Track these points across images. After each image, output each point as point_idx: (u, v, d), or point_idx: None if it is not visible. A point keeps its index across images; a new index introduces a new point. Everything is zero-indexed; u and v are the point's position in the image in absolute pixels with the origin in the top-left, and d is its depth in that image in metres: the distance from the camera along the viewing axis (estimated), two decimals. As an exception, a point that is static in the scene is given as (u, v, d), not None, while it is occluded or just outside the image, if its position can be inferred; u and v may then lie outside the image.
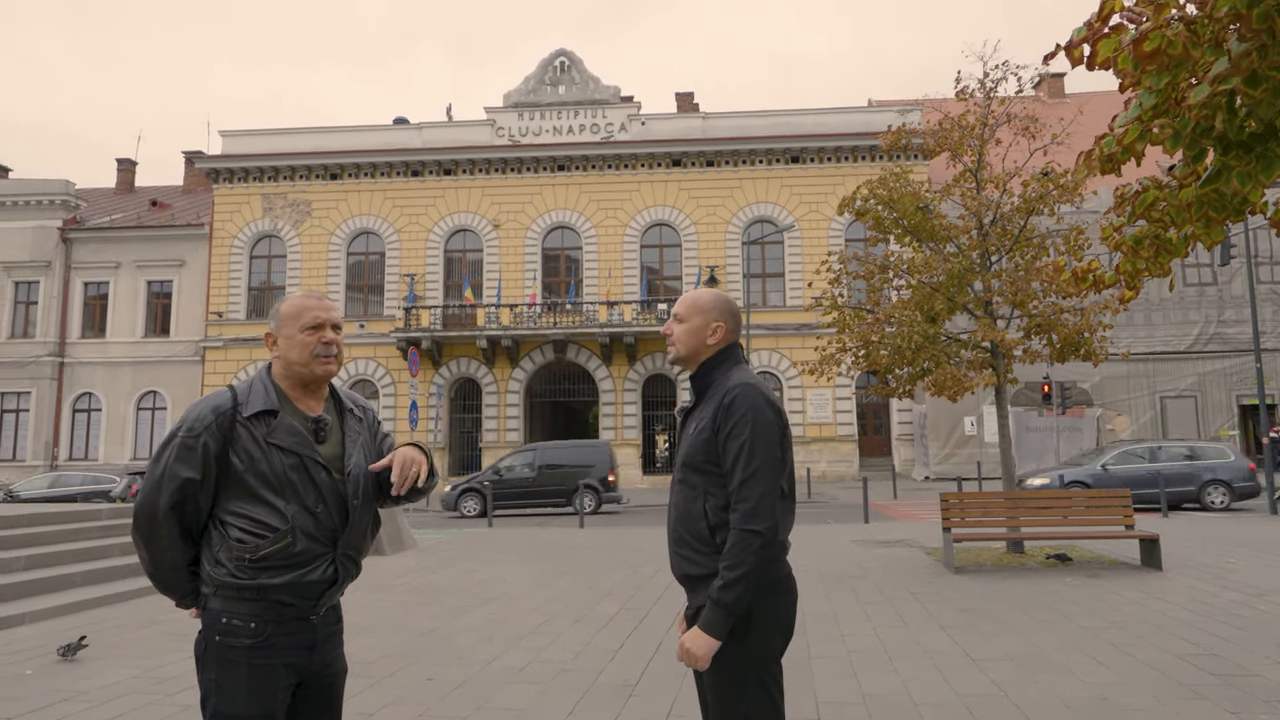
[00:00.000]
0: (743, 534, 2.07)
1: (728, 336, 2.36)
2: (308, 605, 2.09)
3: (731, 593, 2.06)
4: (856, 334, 10.30)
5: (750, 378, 2.26)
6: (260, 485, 2.04)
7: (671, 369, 29.08)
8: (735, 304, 2.44)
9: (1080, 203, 10.35)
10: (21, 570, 7.78)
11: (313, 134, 31.74)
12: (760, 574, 2.08)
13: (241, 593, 2.02)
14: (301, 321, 2.18)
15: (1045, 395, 24.15)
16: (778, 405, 2.23)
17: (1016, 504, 9.39)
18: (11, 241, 31.78)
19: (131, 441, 30.66)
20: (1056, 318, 10.12)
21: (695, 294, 2.41)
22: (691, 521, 2.21)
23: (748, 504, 2.09)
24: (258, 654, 2.03)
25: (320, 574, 2.08)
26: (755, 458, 2.12)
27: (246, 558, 2.01)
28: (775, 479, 2.13)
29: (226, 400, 2.12)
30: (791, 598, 2.23)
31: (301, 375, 2.19)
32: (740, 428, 2.15)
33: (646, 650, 5.66)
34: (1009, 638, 5.81)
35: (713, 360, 2.35)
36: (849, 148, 29.85)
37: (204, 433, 2.05)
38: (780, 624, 2.19)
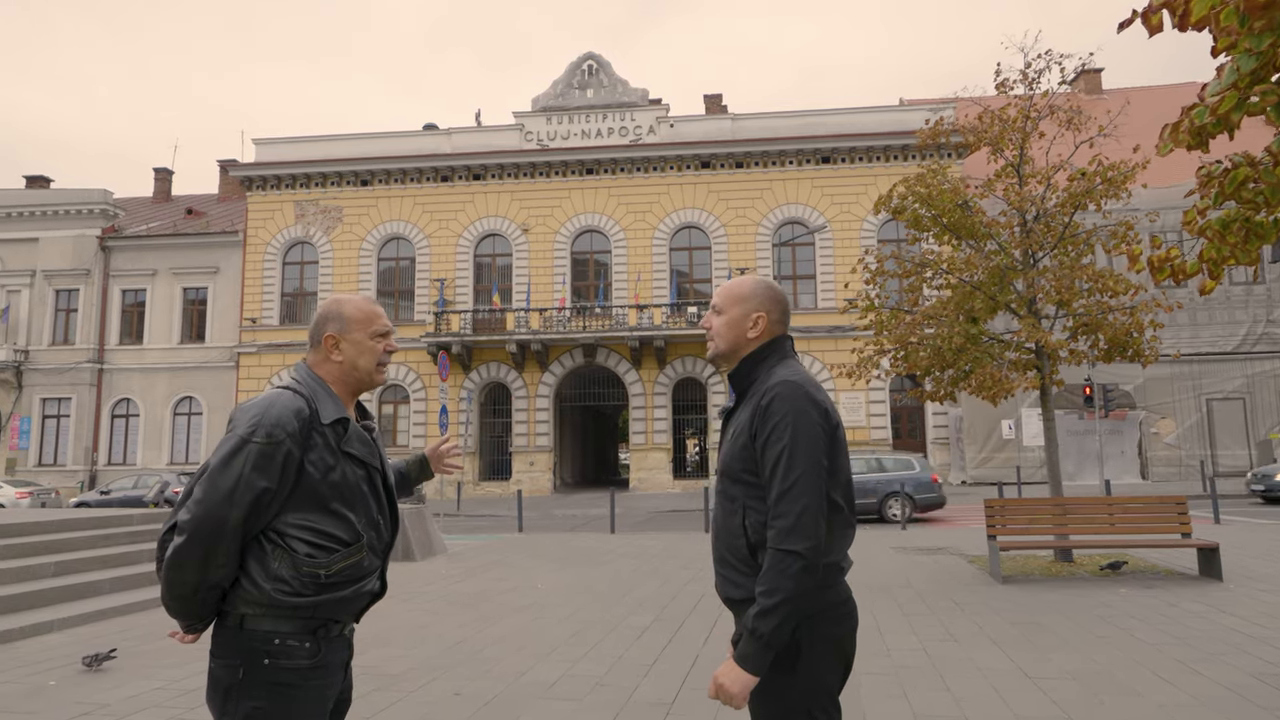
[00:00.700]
0: (780, 554, 1.82)
1: (772, 328, 2.10)
2: (350, 620, 1.99)
3: (768, 622, 1.80)
4: (894, 335, 9.98)
5: (795, 374, 1.98)
6: (333, 497, 1.91)
7: (702, 372, 28.81)
8: (781, 291, 2.16)
9: (1128, 198, 9.95)
10: (50, 577, 7.74)
11: (344, 141, 31.96)
12: (803, 600, 1.82)
13: (298, 611, 1.86)
14: (373, 327, 2.09)
15: (1087, 398, 23.46)
16: (825, 405, 1.96)
17: (1065, 510, 9.01)
18: (52, 250, 32.38)
19: (169, 446, 31.03)
20: (1103, 317, 9.73)
21: (735, 282, 2.15)
22: (731, 538, 1.97)
23: (786, 520, 1.83)
24: (315, 675, 1.89)
25: (372, 587, 2.00)
26: (795, 466, 1.86)
27: (321, 574, 1.87)
28: (819, 491, 1.86)
29: (303, 406, 1.94)
30: (850, 626, 1.96)
31: (361, 383, 2.09)
32: (779, 432, 1.89)
33: (682, 665, 5.43)
34: (1067, 654, 5.48)
35: (755, 356, 2.09)
36: (881, 147, 29.39)
37: (287, 440, 1.87)
38: (836, 656, 1.93)
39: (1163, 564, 9.39)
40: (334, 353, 2.04)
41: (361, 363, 2.05)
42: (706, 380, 28.87)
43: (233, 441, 1.86)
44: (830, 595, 1.92)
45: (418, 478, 2.47)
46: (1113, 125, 9.68)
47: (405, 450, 28.53)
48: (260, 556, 1.86)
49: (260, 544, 1.87)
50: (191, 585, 1.83)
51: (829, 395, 2.02)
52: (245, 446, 1.84)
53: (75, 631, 6.72)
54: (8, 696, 4.90)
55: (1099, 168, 9.47)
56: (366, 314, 2.08)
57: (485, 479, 29.47)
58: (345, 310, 2.07)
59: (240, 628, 1.86)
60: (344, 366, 2.04)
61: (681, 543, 12.94)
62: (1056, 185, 10.17)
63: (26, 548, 8.13)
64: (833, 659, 1.92)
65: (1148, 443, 26.58)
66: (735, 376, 2.11)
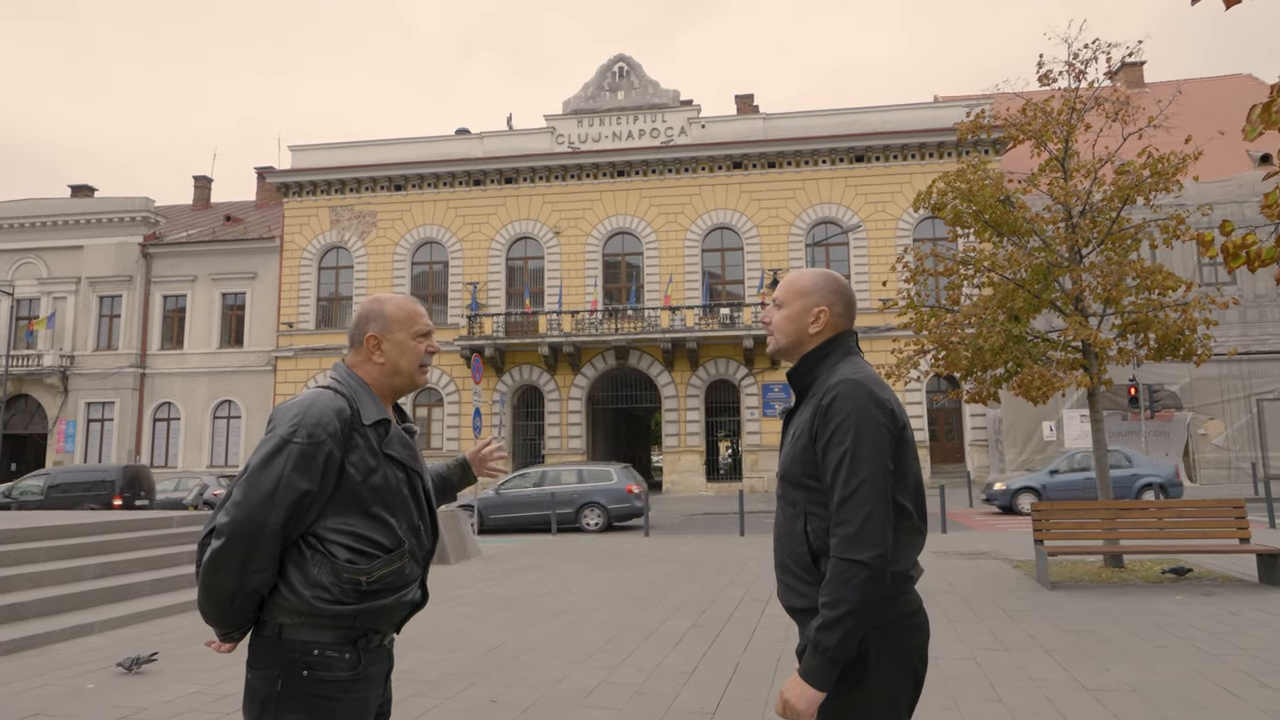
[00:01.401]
0: (843, 564, 1.72)
1: (835, 323, 1.97)
2: (390, 631, 1.91)
3: (832, 635, 1.70)
4: (935, 335, 9.74)
5: (858, 372, 1.86)
6: (374, 500, 1.84)
7: (735, 374, 28.59)
8: (846, 284, 2.03)
9: (1179, 191, 9.62)
10: (92, 579, 7.81)
11: (377, 147, 32.27)
12: (869, 612, 1.71)
13: (338, 620, 1.78)
14: (415, 327, 2.02)
15: (1132, 398, 22.90)
16: (891, 405, 1.83)
17: (1115, 514, 8.72)
18: (96, 257, 33.10)
19: (208, 449, 31.54)
20: (1154, 314, 9.41)
21: (796, 274, 2.03)
22: (792, 544, 1.87)
23: (849, 527, 1.73)
24: (355, 688, 1.80)
25: (413, 596, 1.92)
26: (859, 470, 1.74)
27: (363, 580, 1.79)
28: (884, 496, 1.75)
29: (344, 406, 1.86)
30: (921, 638, 1.84)
31: (403, 385, 2.02)
32: (840, 435, 1.78)
33: (723, 673, 5.29)
34: (1126, 665, 5.25)
35: (817, 353, 1.96)
36: (915, 145, 28.97)
37: (328, 440, 1.79)
38: (906, 670, 1.80)
39: (1219, 570, 9.05)
40: (375, 354, 1.97)
41: (404, 364, 1.99)
42: (739, 382, 28.66)
43: (273, 442, 1.79)
44: (899, 606, 1.80)
45: (459, 482, 2.37)
46: (1163, 115, 9.36)
47: (439, 454, 28.69)
48: (300, 562, 1.79)
49: (300, 549, 1.80)
50: (229, 590, 1.75)
51: (895, 394, 1.88)
52: (286, 447, 1.77)
53: (115, 634, 6.76)
54: (47, 699, 4.91)
55: (1149, 159, 9.16)
56: (409, 313, 2.01)
57: (518, 481, 29.52)
58: (387, 309, 2.00)
59: (279, 638, 1.78)
60: (386, 368, 1.97)
61: (717, 546, 12.78)
62: (1103, 179, 9.87)
63: (71, 549, 8.24)
64: (902, 673, 1.80)
65: (1195, 444, 25.83)
66: (795, 375, 1.99)
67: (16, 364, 31.76)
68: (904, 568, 1.81)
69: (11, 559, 7.56)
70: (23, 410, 33.19)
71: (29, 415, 33.28)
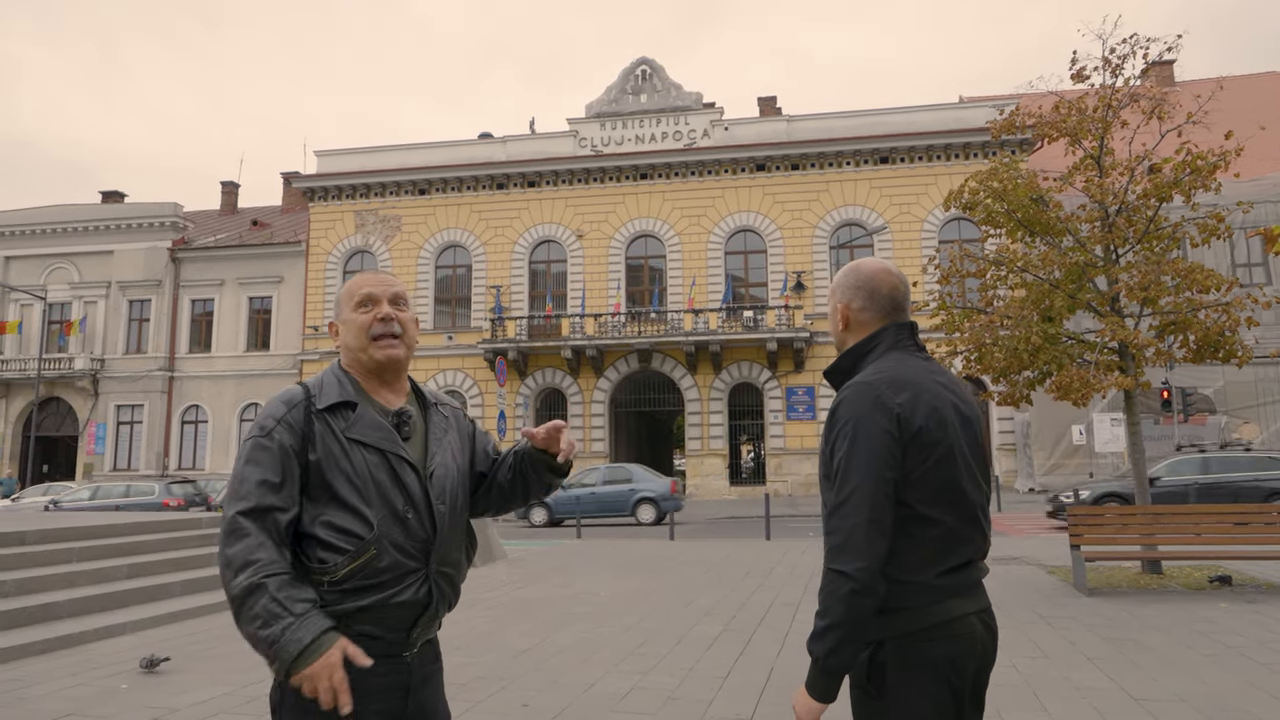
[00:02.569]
0: (830, 574, 1.68)
1: (860, 319, 1.88)
2: (398, 637, 1.75)
3: (820, 645, 1.66)
4: (968, 336, 9.58)
5: (880, 372, 1.76)
6: (343, 486, 1.73)
7: (759, 378, 28.43)
8: (870, 274, 1.91)
9: (1218, 188, 9.40)
10: (124, 579, 7.86)
11: (401, 151, 32.48)
12: (860, 626, 1.65)
13: None
14: (354, 300, 1.92)
15: (1164, 402, 22.48)
16: (898, 407, 1.71)
17: (1153, 519, 8.52)
18: (126, 262, 33.58)
19: (235, 451, 31.84)
20: (1193, 315, 9.19)
21: (839, 273, 1.98)
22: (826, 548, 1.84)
23: (836, 538, 1.68)
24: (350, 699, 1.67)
25: (412, 595, 1.75)
26: (849, 480, 1.68)
27: (325, 581, 1.69)
28: (875, 506, 1.66)
29: (298, 393, 1.83)
30: (954, 650, 1.70)
31: (363, 363, 1.89)
32: (841, 441, 1.72)
33: (757, 678, 5.20)
34: (1174, 674, 5.10)
35: (856, 350, 1.87)
36: (941, 146, 28.68)
37: (277, 428, 1.75)
38: (936, 682, 1.69)
39: (1263, 577, 8.81)
40: (336, 339, 1.95)
41: (351, 340, 1.89)
42: (763, 385, 28.49)
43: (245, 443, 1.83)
44: (923, 618, 1.69)
45: (537, 466, 1.99)
46: (1202, 112, 9.15)
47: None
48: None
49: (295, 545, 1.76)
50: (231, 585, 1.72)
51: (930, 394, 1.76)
52: (246, 443, 1.79)
53: (147, 634, 6.78)
54: (80, 699, 4.92)
55: (1188, 157, 8.96)
56: (350, 288, 1.94)
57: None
58: (340, 294, 1.97)
59: None
60: (343, 350, 1.92)
61: (742, 550, 12.67)
62: (1140, 177, 9.67)
63: (103, 550, 8.30)
64: (931, 685, 1.69)
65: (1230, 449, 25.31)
66: (832, 374, 1.91)
67: (48, 367, 32.27)
68: (927, 578, 1.70)
69: (46, 559, 7.63)
70: (54, 413, 33.70)
71: (60, 418, 33.79)
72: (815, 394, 28.09)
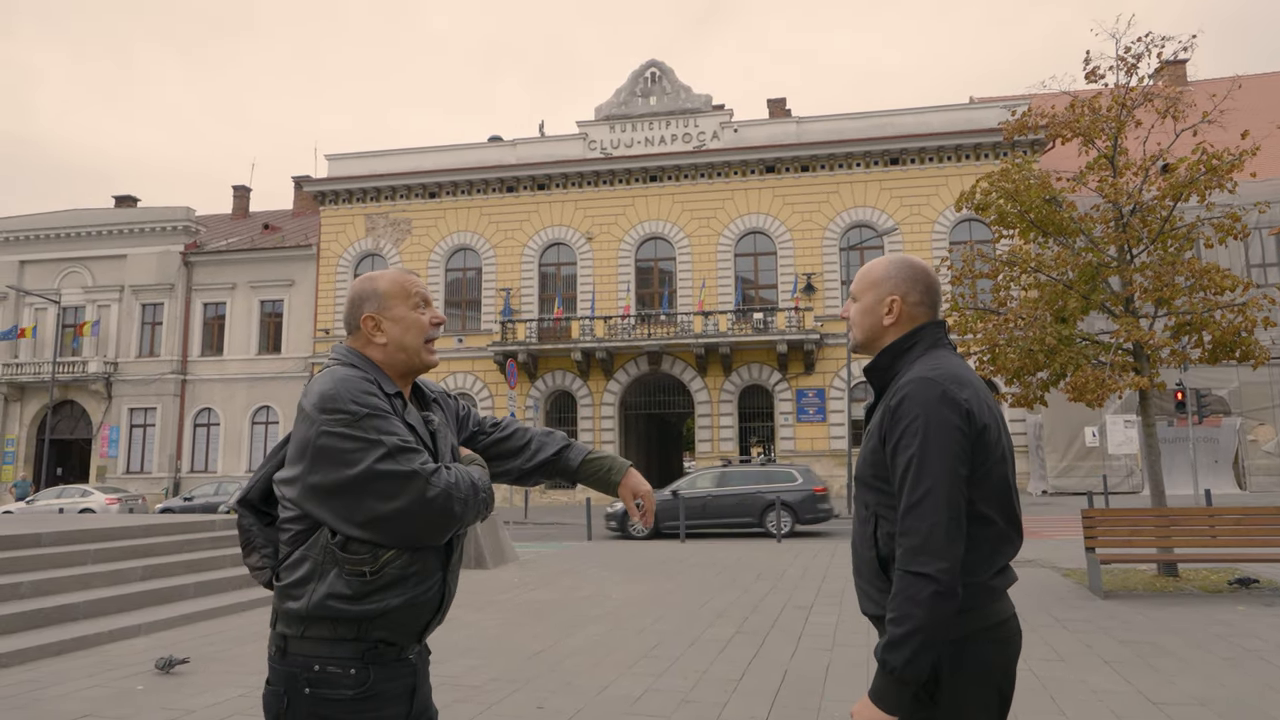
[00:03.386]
0: (908, 577, 1.60)
1: (912, 313, 1.83)
2: (409, 639, 1.72)
3: (899, 654, 1.58)
4: (982, 337, 9.53)
5: (935, 368, 1.72)
6: None
7: (769, 380, 28.37)
8: (924, 270, 1.88)
9: (1233, 188, 9.32)
10: (139, 581, 7.90)
11: (412, 155, 32.59)
12: (939, 630, 1.59)
13: (338, 630, 1.63)
14: (413, 298, 1.84)
15: (1179, 403, 22.26)
16: (968, 405, 1.68)
17: (1169, 522, 8.45)
18: (139, 266, 33.79)
19: (247, 454, 31.99)
20: (1209, 315, 9.12)
21: (870, 264, 1.92)
22: (864, 549, 1.79)
23: (913, 538, 1.61)
24: (364, 707, 1.63)
25: (430, 596, 1.72)
26: (925, 478, 1.62)
27: (366, 571, 1.62)
28: (953, 505, 1.62)
29: (367, 380, 1.73)
30: (1007, 653, 1.70)
31: (410, 365, 1.83)
32: (909, 437, 1.65)
33: (770, 681, 5.18)
34: (1192, 678, 5.05)
35: (898, 345, 1.82)
36: (951, 147, 28.57)
37: (382, 401, 1.69)
38: (988, 688, 1.67)
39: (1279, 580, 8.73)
40: (376, 334, 1.80)
41: (409, 340, 1.80)
42: (773, 387, 28.43)
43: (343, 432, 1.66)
44: (980, 619, 1.68)
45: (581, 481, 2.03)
46: (1218, 111, 9.08)
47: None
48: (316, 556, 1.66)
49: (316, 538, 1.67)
50: None
51: (983, 391, 1.76)
52: (357, 423, 1.66)
53: (161, 636, 6.81)
54: (97, 700, 4.94)
55: (1204, 156, 8.89)
56: (402, 284, 1.84)
57: (551, 487, 29.53)
58: (380, 285, 1.83)
59: (284, 653, 1.67)
60: (389, 349, 1.80)
61: (754, 553, 12.64)
62: (1154, 177, 9.60)
63: (117, 552, 8.34)
64: (983, 691, 1.67)
65: (1245, 451, 25.11)
66: (872, 371, 1.86)
67: (62, 371, 32.50)
68: (983, 579, 1.69)
69: (62, 561, 7.68)
70: (68, 416, 33.93)
71: (74, 421, 34.02)
72: (825, 396, 28.01)
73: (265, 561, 1.77)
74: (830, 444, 27.66)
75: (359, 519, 1.63)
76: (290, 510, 1.69)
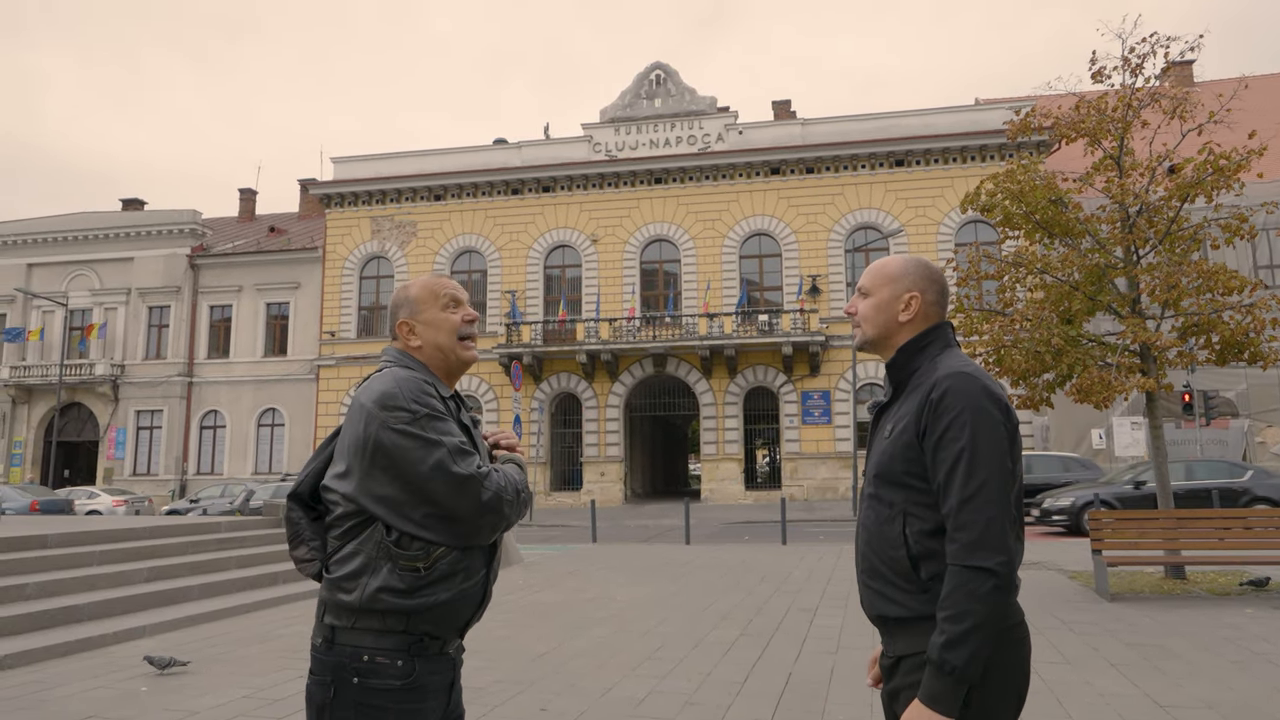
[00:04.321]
0: (968, 572, 1.57)
1: (929, 312, 1.83)
2: (452, 633, 1.77)
3: (959, 653, 1.54)
4: (988, 338, 9.50)
5: (968, 365, 1.73)
6: None
7: (774, 382, 28.33)
8: (938, 270, 1.89)
9: (1241, 189, 9.28)
10: (143, 582, 7.91)
11: (417, 158, 32.65)
12: (995, 626, 1.57)
13: (387, 622, 1.68)
14: (442, 299, 1.91)
15: (1186, 405, 22.19)
16: (1006, 402, 1.69)
17: (1177, 524, 8.40)
18: (146, 269, 33.91)
19: (253, 457, 32.07)
20: (1217, 316, 9.07)
21: (883, 261, 1.90)
22: (886, 548, 1.72)
23: (971, 532, 1.58)
24: (409, 698, 1.68)
25: (475, 592, 1.77)
26: (978, 469, 1.60)
27: (420, 566, 1.68)
28: (1006, 499, 1.61)
29: (425, 381, 1.81)
30: (1026, 651, 1.69)
31: (449, 364, 1.91)
32: (956, 430, 1.63)
33: (775, 683, 5.16)
34: (1200, 681, 5.01)
35: (914, 343, 1.82)
36: (957, 148, 28.52)
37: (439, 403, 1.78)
38: (1012, 688, 1.66)
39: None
40: (411, 338, 1.88)
41: (441, 339, 1.88)
42: (778, 389, 28.39)
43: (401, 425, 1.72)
44: (1010, 616, 1.66)
45: None
46: (1225, 110, 9.04)
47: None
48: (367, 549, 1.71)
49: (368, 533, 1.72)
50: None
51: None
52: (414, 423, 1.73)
53: (166, 637, 6.81)
54: (101, 701, 4.94)
55: (1211, 156, 8.85)
56: (431, 287, 1.92)
57: (556, 489, 29.55)
58: (411, 292, 1.92)
59: (331, 642, 1.71)
60: (425, 351, 1.88)
61: (759, 555, 12.61)
62: (1160, 178, 9.56)
63: (122, 553, 8.36)
64: (1008, 690, 1.65)
65: (1253, 453, 24.97)
66: (894, 366, 1.84)
67: (70, 373, 32.63)
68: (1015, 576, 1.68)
69: (67, 562, 7.69)
70: (75, 418, 34.06)
71: (81, 423, 34.14)
72: (831, 398, 27.96)
73: (314, 554, 1.80)
74: (836, 446, 27.61)
75: (417, 516, 1.70)
76: (343, 506, 1.74)
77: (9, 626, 6.25)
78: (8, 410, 33.78)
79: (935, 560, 1.65)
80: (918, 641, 1.66)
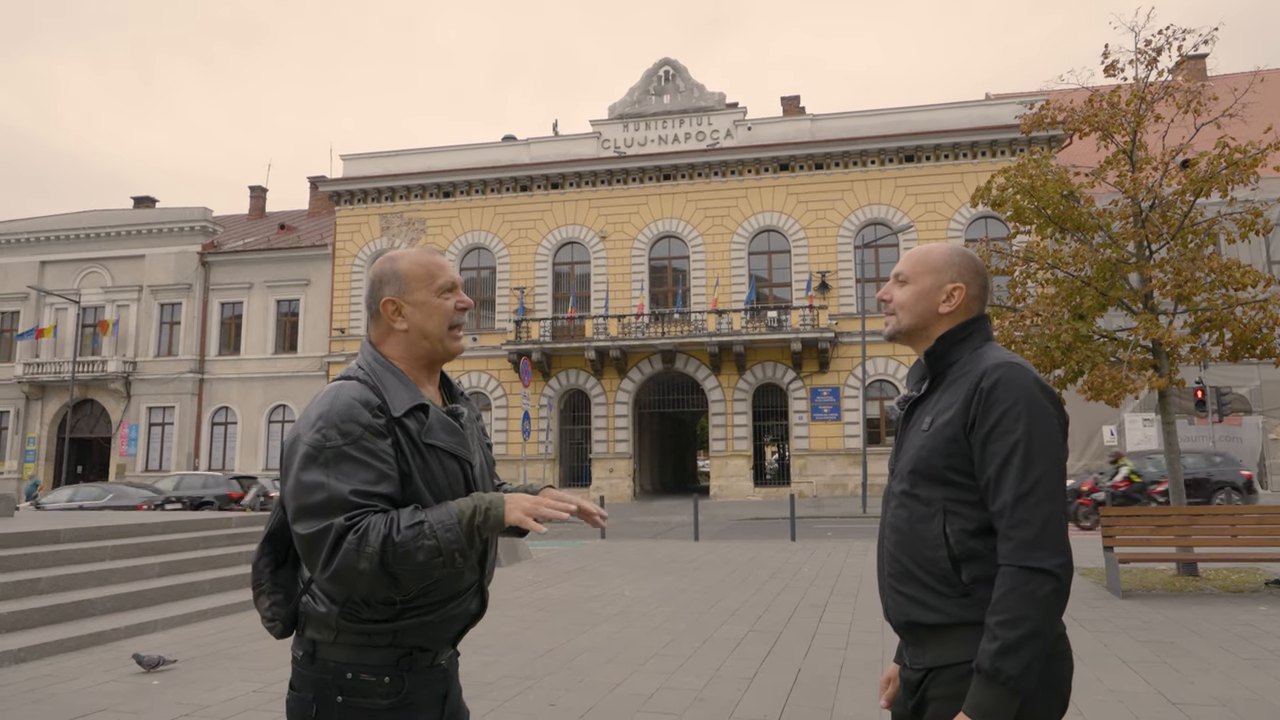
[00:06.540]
0: (1025, 573, 1.46)
1: (970, 304, 1.74)
2: (443, 647, 1.65)
3: (1015, 661, 1.43)
4: (998, 334, 9.45)
5: (1014, 357, 1.65)
6: (425, 499, 1.58)
7: (783, 378, 28.27)
8: (982, 263, 1.80)
9: (1256, 183, 9.19)
10: (156, 577, 7.96)
11: (426, 155, 32.70)
12: (1053, 631, 1.48)
13: (373, 638, 1.55)
14: (438, 282, 1.70)
15: (1199, 401, 22.04)
16: (1057, 395, 1.62)
17: (1189, 521, 8.35)
18: (158, 266, 34.10)
19: (264, 453, 32.22)
20: (1230, 312, 9.00)
21: (925, 248, 1.81)
22: (923, 549, 1.60)
23: (1026, 530, 1.48)
24: (398, 715, 1.56)
25: (466, 606, 1.65)
26: (1034, 465, 1.51)
27: (398, 600, 1.54)
28: (1062, 496, 1.53)
29: (371, 395, 1.59)
30: (1068, 669, 1.60)
31: (434, 353, 1.71)
32: (1009, 423, 1.53)
33: (783, 680, 5.15)
34: (1213, 678, 4.98)
35: (954, 334, 1.72)
36: (967, 144, 28.36)
37: (364, 432, 1.53)
38: (1058, 700, 1.56)
39: (1303, 580, 8.59)
40: (397, 320, 1.68)
41: (431, 326, 1.68)
42: (787, 386, 28.33)
43: (301, 452, 1.54)
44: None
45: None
46: (1240, 104, 8.96)
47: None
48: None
49: None
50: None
51: None
52: (326, 450, 1.53)
53: (177, 631, 6.85)
54: (114, 695, 4.98)
55: (1225, 151, 8.77)
56: (426, 266, 1.70)
57: (565, 485, 29.57)
58: (400, 267, 1.70)
59: (312, 658, 1.58)
60: (410, 335, 1.68)
61: (767, 551, 12.59)
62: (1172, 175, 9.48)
63: (135, 548, 8.41)
64: (1054, 705, 1.56)
65: (1267, 449, 24.79)
66: (932, 357, 1.74)
67: (82, 370, 32.84)
68: None
69: (80, 557, 7.75)
70: (88, 414, 34.29)
71: (94, 419, 34.38)
72: (840, 395, 27.88)
73: (275, 612, 1.65)
74: (845, 443, 27.54)
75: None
76: None
77: (22, 621, 6.30)
78: (21, 407, 34.04)
79: (978, 562, 1.55)
80: (955, 650, 1.55)
